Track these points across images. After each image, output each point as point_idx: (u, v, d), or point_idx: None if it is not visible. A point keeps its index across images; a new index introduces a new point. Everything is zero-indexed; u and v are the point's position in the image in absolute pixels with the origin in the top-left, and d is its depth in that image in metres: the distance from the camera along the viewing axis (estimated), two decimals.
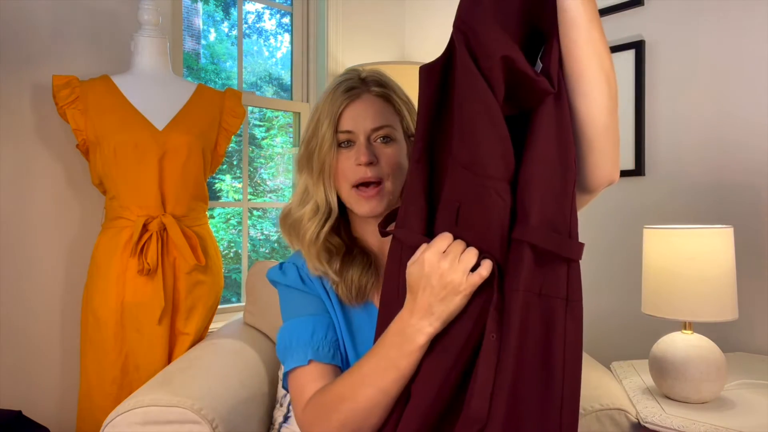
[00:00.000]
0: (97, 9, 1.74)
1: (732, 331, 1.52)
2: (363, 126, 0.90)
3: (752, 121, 1.56)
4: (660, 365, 1.21)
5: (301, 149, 0.95)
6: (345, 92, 0.91)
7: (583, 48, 0.66)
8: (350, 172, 0.89)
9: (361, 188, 0.89)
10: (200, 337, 1.61)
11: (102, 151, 1.49)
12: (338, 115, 0.90)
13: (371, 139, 0.91)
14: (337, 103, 0.90)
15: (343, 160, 0.90)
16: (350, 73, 0.95)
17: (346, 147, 0.91)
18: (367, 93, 0.92)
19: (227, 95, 1.72)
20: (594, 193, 0.77)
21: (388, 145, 0.91)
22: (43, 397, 1.65)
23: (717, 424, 1.06)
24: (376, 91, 0.93)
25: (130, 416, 1.08)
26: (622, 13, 1.83)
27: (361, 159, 0.88)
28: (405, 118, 0.94)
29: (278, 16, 3.48)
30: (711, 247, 1.20)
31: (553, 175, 0.69)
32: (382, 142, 0.91)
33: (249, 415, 1.26)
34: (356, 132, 0.90)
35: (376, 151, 0.90)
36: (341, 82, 0.92)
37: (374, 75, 0.95)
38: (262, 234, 3.46)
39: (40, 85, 1.64)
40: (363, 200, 0.89)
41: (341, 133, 0.90)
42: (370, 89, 0.93)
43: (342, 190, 0.92)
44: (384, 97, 0.93)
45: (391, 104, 0.93)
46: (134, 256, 1.47)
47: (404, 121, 0.94)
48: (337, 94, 0.91)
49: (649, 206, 1.76)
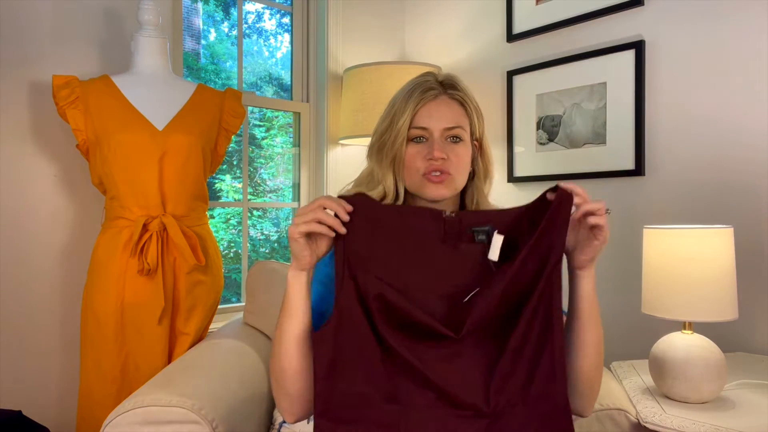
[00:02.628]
0: (97, 9, 1.74)
1: (732, 331, 1.52)
2: (438, 124, 0.97)
3: (752, 121, 1.56)
4: (660, 365, 1.21)
5: (374, 138, 1.03)
6: (423, 92, 0.98)
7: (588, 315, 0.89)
8: (421, 165, 0.96)
9: (432, 175, 0.96)
10: (200, 337, 1.61)
11: (102, 151, 1.49)
12: (415, 113, 0.97)
13: (443, 137, 0.97)
14: (415, 101, 0.97)
15: (414, 154, 0.97)
16: (428, 75, 1.02)
17: (418, 142, 0.98)
18: (443, 95, 1.00)
19: (227, 95, 1.72)
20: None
21: (457, 145, 0.98)
22: (43, 397, 1.65)
23: (717, 424, 1.06)
24: (452, 93, 1.00)
25: (130, 416, 1.08)
26: (622, 13, 1.83)
27: (434, 154, 0.94)
28: (474, 123, 1.02)
29: (278, 16, 3.48)
30: (711, 247, 1.20)
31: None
32: (451, 141, 0.98)
33: (249, 415, 1.26)
34: (431, 129, 0.97)
35: (446, 148, 0.96)
36: (421, 83, 1.00)
37: (451, 79, 1.02)
38: (262, 234, 3.45)
39: (39, 85, 1.64)
40: (433, 185, 0.96)
41: (416, 128, 0.97)
42: (447, 92, 1.00)
43: (410, 179, 0.98)
44: (458, 100, 1.00)
45: (464, 108, 1.01)
46: (134, 256, 1.47)
47: (473, 125, 1.02)
48: (416, 93, 0.98)
49: (649, 206, 1.76)
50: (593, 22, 1.91)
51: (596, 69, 1.89)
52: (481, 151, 1.04)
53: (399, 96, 1.01)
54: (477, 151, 1.03)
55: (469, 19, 2.33)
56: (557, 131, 2.00)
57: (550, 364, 0.84)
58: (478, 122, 1.03)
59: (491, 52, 2.24)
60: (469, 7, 2.33)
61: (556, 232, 0.85)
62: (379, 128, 1.02)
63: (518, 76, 2.13)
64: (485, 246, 0.87)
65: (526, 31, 2.10)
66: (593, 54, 1.89)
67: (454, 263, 0.88)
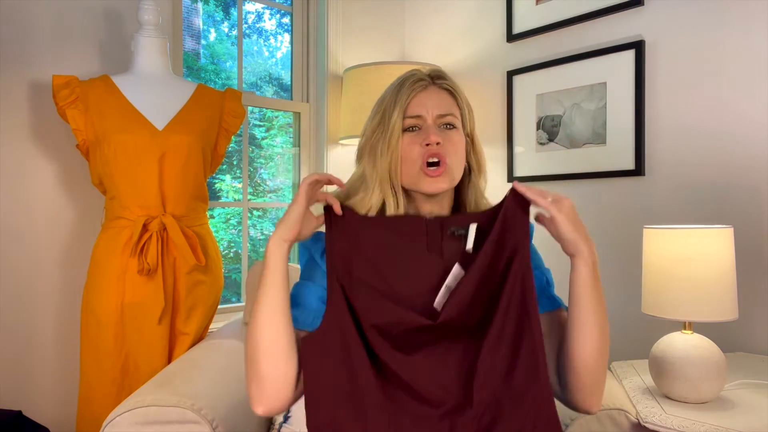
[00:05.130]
0: (97, 9, 1.74)
1: (732, 331, 1.52)
2: (431, 111, 0.96)
3: (752, 121, 1.56)
4: (660, 365, 1.21)
5: (363, 140, 1.01)
6: (413, 83, 0.98)
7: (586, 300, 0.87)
8: (418, 153, 0.94)
9: (429, 168, 0.95)
10: (200, 337, 1.61)
11: (102, 151, 1.49)
12: (407, 104, 0.96)
13: (437, 124, 0.97)
14: (406, 93, 0.97)
15: (410, 143, 0.96)
16: (415, 70, 1.02)
17: (412, 132, 0.96)
18: (432, 85, 0.99)
19: (227, 95, 1.72)
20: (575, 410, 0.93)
21: (452, 131, 0.97)
22: (43, 397, 1.65)
23: (717, 424, 1.06)
24: (441, 83, 1.00)
25: (130, 416, 1.08)
26: (622, 13, 1.83)
27: (431, 138, 0.93)
28: (465, 115, 1.01)
29: (278, 16, 3.48)
30: (711, 247, 1.20)
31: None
32: (446, 128, 0.97)
33: (249, 415, 1.26)
34: (424, 116, 0.96)
35: (441, 134, 0.96)
36: (408, 77, 0.99)
37: (438, 72, 1.01)
38: (262, 234, 3.46)
39: (39, 85, 1.64)
40: (430, 179, 0.94)
41: (409, 118, 0.96)
42: (435, 82, 1.00)
43: (408, 173, 0.96)
44: (448, 90, 1.00)
45: (455, 98, 1.00)
46: (134, 256, 1.47)
47: (464, 117, 1.01)
48: (405, 85, 0.98)
49: (649, 206, 1.76)
50: (593, 22, 1.91)
51: (596, 69, 1.89)
52: (474, 147, 1.03)
53: (387, 93, 1.00)
54: (470, 146, 1.02)
55: (469, 19, 2.33)
56: (557, 131, 2.00)
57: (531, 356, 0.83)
58: (469, 116, 1.02)
59: (491, 52, 2.24)
60: (469, 7, 2.33)
61: (519, 232, 0.87)
62: (368, 128, 1.00)
63: (518, 76, 2.13)
64: (464, 241, 0.89)
65: (526, 31, 2.10)
66: (593, 54, 1.89)
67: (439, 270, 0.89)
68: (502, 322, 0.84)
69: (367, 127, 1.01)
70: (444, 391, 0.83)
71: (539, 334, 0.83)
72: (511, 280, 0.85)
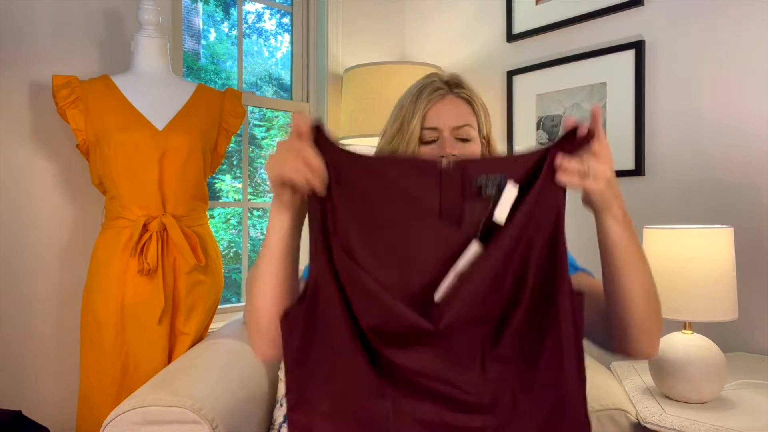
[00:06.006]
0: (97, 9, 1.74)
1: (732, 331, 1.52)
2: (447, 123, 0.97)
3: (752, 121, 1.56)
4: (660, 365, 1.21)
5: (382, 142, 1.03)
6: (431, 93, 0.99)
7: (623, 261, 0.80)
8: None
9: None
10: (200, 337, 1.61)
11: (102, 151, 1.49)
12: (424, 114, 0.98)
13: (453, 136, 0.98)
14: (424, 103, 0.98)
15: (426, 155, 0.97)
16: (433, 76, 1.02)
17: (429, 143, 0.98)
18: (450, 94, 1.00)
19: (227, 95, 1.72)
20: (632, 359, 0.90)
21: (467, 144, 0.99)
22: (43, 397, 1.65)
23: (717, 424, 1.06)
24: (458, 92, 1.01)
25: (130, 416, 1.08)
26: (622, 13, 1.83)
27: (446, 150, 0.95)
28: (481, 120, 1.03)
29: (278, 16, 3.48)
30: (711, 247, 1.20)
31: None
32: (461, 141, 0.98)
33: (249, 415, 1.26)
34: (441, 128, 0.97)
35: (456, 147, 0.97)
36: (427, 84, 1.00)
37: (456, 78, 1.03)
38: (262, 234, 3.46)
39: (39, 85, 1.64)
40: None
41: (426, 129, 0.98)
42: (453, 91, 1.01)
43: None
44: (465, 98, 1.01)
45: (471, 106, 1.02)
46: (134, 256, 1.47)
47: (480, 123, 1.03)
48: (423, 94, 0.99)
49: (649, 206, 1.76)
50: (593, 22, 1.91)
51: (596, 69, 1.89)
52: (490, 149, 1.05)
53: (406, 99, 1.01)
54: (485, 148, 1.04)
55: (469, 19, 2.33)
56: (557, 131, 2.00)
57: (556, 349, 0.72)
58: (485, 120, 1.04)
59: (491, 52, 2.24)
60: (469, 7, 2.33)
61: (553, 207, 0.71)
62: (388, 132, 1.02)
63: (518, 76, 2.13)
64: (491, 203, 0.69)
65: (526, 31, 2.10)
66: (593, 54, 1.89)
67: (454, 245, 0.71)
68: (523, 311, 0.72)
69: (386, 130, 1.03)
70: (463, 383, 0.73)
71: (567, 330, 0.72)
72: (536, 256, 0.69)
